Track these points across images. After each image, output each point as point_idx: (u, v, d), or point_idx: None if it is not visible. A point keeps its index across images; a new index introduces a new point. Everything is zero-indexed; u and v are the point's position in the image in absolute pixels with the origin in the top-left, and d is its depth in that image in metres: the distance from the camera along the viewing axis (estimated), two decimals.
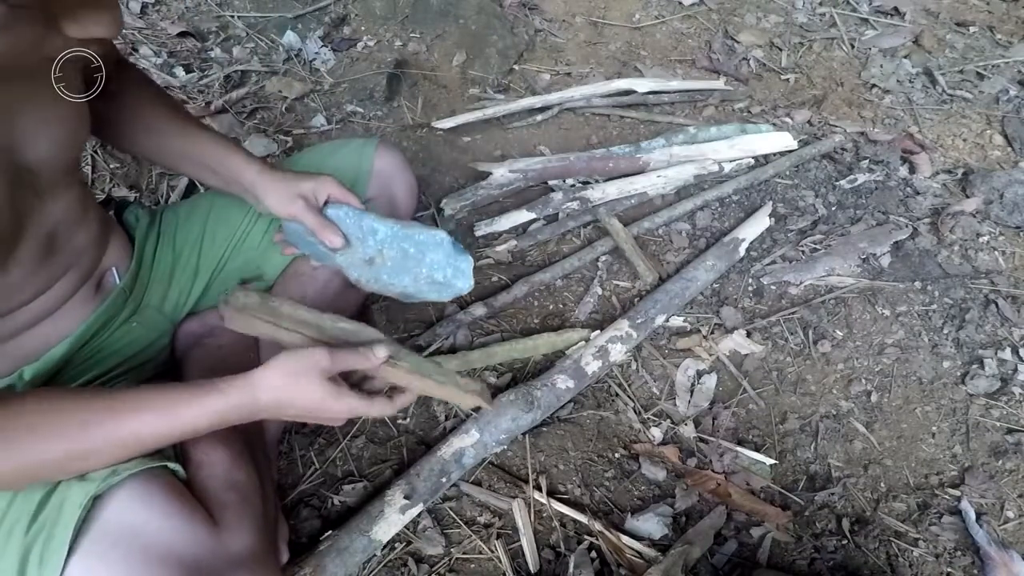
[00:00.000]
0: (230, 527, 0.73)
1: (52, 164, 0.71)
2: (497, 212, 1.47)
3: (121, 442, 0.66)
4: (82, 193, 0.80)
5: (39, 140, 0.68)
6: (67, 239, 0.78)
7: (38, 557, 0.63)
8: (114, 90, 0.87)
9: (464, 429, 1.04)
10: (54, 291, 0.78)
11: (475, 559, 0.97)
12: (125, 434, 0.65)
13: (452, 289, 0.95)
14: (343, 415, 0.75)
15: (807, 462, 1.12)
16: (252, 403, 0.69)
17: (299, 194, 0.91)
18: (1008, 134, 1.72)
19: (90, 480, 0.66)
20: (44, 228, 0.73)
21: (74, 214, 0.78)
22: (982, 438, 1.15)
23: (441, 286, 0.95)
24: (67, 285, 0.80)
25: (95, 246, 0.84)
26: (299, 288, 1.02)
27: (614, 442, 1.12)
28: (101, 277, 0.86)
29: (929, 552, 1.01)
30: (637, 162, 1.55)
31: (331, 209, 0.94)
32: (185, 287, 0.98)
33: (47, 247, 0.75)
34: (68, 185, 0.76)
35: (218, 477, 0.79)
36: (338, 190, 0.93)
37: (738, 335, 1.26)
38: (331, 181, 0.93)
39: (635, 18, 2.09)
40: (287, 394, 0.70)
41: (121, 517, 0.65)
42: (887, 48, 2.00)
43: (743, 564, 0.99)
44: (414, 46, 1.87)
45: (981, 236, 1.46)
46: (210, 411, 0.68)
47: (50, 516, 0.64)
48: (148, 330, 0.94)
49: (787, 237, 1.46)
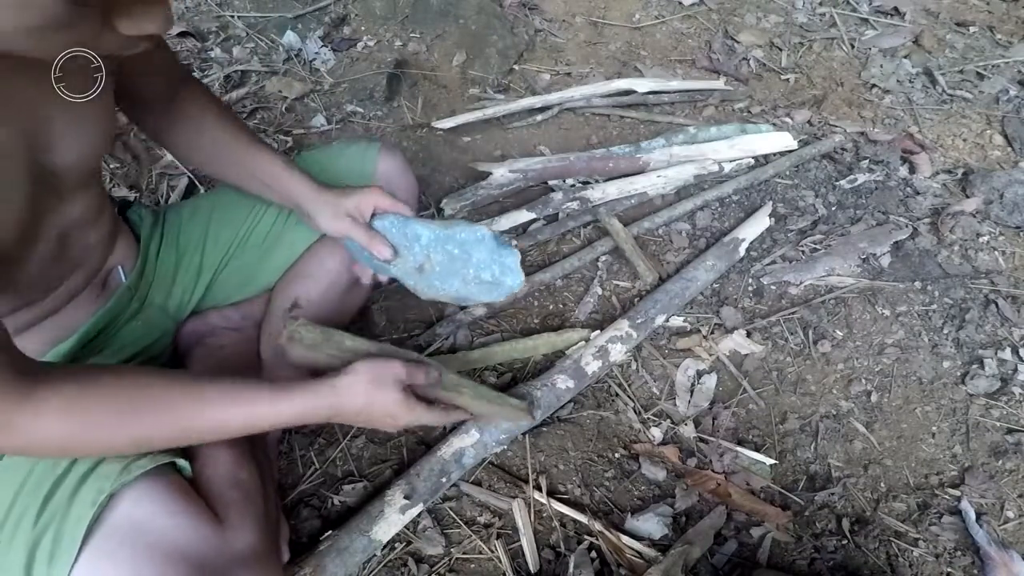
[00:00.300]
0: (234, 525, 0.74)
1: (78, 167, 0.71)
2: (497, 212, 1.47)
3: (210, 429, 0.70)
4: (100, 193, 0.81)
5: (68, 144, 0.68)
6: (80, 238, 0.79)
7: (47, 552, 0.63)
8: (174, 101, 0.90)
9: (464, 429, 1.04)
10: (63, 288, 0.79)
11: (475, 559, 0.97)
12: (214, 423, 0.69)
13: (502, 288, 0.93)
14: (409, 423, 0.81)
15: (807, 462, 1.12)
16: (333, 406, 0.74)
17: (346, 212, 0.92)
18: (1008, 134, 1.72)
19: (103, 477, 0.66)
20: (60, 227, 0.74)
21: (90, 214, 0.79)
22: (982, 438, 1.15)
23: (491, 285, 0.93)
24: (76, 282, 0.81)
25: (104, 245, 0.85)
26: (303, 290, 1.02)
27: (614, 442, 1.12)
28: (107, 275, 0.87)
29: (929, 552, 1.01)
30: (637, 162, 1.55)
31: (377, 220, 0.93)
32: (188, 286, 0.98)
33: (61, 246, 0.75)
34: (89, 186, 0.77)
35: (222, 476, 0.79)
36: (384, 200, 0.93)
37: (738, 335, 1.26)
38: (377, 193, 0.93)
39: (635, 18, 2.09)
40: (368, 399, 0.75)
41: (130, 515, 0.66)
42: (887, 48, 2.00)
43: (743, 564, 0.99)
44: (414, 46, 1.87)
45: (981, 236, 1.46)
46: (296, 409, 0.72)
47: (59, 510, 0.64)
48: (151, 328, 0.94)
49: (787, 237, 1.46)
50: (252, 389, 0.71)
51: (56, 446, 0.63)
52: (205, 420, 0.68)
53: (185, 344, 1.02)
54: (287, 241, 1.02)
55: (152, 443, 0.68)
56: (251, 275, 1.03)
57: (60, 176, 0.69)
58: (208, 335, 1.03)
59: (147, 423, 0.66)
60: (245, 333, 1.06)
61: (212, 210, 1.01)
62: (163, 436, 0.68)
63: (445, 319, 1.25)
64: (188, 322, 1.01)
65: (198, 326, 1.03)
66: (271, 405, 0.71)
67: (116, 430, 0.64)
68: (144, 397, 0.66)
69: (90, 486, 0.66)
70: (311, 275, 1.03)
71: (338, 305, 1.07)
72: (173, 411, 0.66)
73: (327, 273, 1.03)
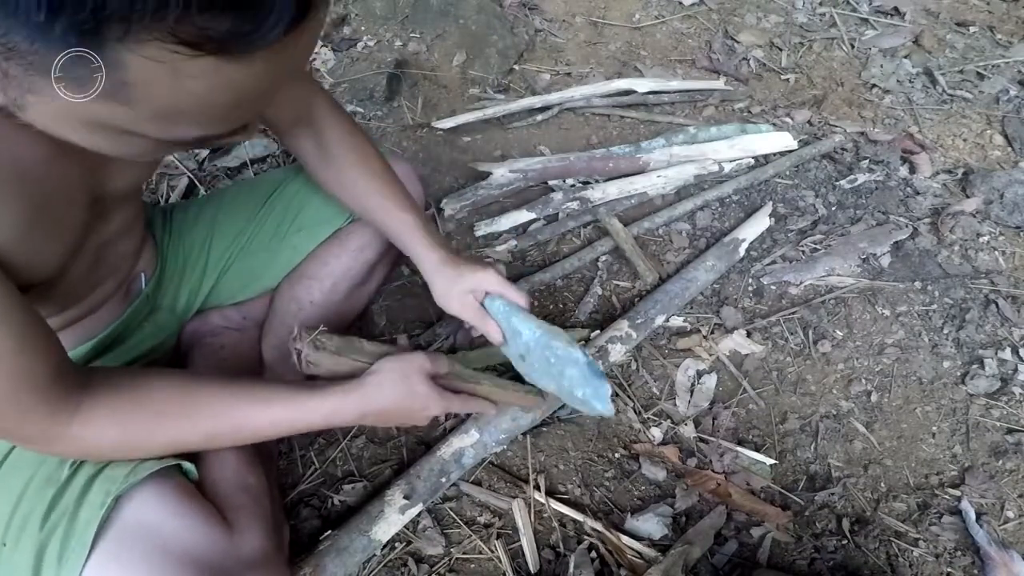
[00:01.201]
0: (242, 529, 0.74)
1: (126, 192, 0.72)
2: (497, 212, 1.47)
3: (251, 433, 0.72)
4: (138, 204, 0.82)
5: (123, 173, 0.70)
6: (117, 247, 0.80)
7: (56, 555, 0.63)
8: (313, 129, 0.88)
9: (464, 429, 1.04)
10: (94, 296, 0.79)
11: (475, 559, 0.97)
12: (250, 428, 0.71)
13: (592, 409, 0.91)
14: (439, 412, 0.83)
15: (807, 462, 1.12)
16: (362, 406, 0.75)
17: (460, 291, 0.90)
18: (1008, 134, 1.72)
19: (109, 479, 0.67)
20: (101, 240, 0.74)
21: (128, 224, 0.79)
22: (982, 438, 1.15)
23: (581, 402, 0.92)
24: (107, 290, 0.81)
25: (136, 252, 0.86)
26: (306, 292, 1.02)
27: (614, 442, 1.12)
28: (132, 281, 0.87)
29: (929, 552, 1.01)
30: (637, 162, 1.55)
31: (487, 301, 0.92)
32: (194, 287, 0.98)
33: (98, 257, 0.76)
34: (131, 200, 0.77)
35: (229, 479, 0.79)
36: (496, 284, 0.90)
37: (738, 335, 1.26)
38: (492, 276, 0.90)
39: (635, 18, 2.09)
40: (398, 394, 0.76)
41: (139, 517, 0.66)
42: (887, 48, 2.00)
43: (743, 564, 0.99)
44: (414, 46, 1.87)
45: (981, 236, 1.46)
46: (326, 410, 0.73)
47: (66, 512, 0.65)
48: (160, 330, 0.94)
49: (787, 237, 1.46)
50: (290, 391, 0.73)
51: (108, 451, 0.66)
52: (257, 422, 0.71)
53: (186, 344, 1.02)
54: (291, 243, 1.02)
55: (201, 445, 0.72)
56: (255, 276, 1.03)
57: (109, 198, 0.70)
58: (209, 335, 1.03)
59: (201, 427, 0.68)
60: (246, 333, 1.06)
61: (217, 211, 1.01)
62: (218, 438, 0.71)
63: (445, 319, 1.25)
64: (189, 322, 1.01)
65: (199, 326, 1.03)
66: (305, 408, 0.72)
67: (171, 433, 0.67)
68: (194, 403, 0.68)
69: (98, 488, 0.66)
70: (315, 277, 1.03)
71: (341, 307, 1.08)
72: (224, 415, 0.69)
73: (330, 275, 1.03)
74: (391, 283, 1.31)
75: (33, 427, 0.60)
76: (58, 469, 0.67)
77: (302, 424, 0.73)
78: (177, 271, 0.96)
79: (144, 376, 0.69)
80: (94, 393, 0.62)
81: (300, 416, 0.72)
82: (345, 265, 1.04)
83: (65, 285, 0.71)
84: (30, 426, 0.59)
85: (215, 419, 0.69)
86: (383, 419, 0.79)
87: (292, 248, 1.02)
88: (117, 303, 0.84)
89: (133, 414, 0.65)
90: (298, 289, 1.02)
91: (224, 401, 0.69)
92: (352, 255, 1.04)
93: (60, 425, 0.60)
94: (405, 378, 0.77)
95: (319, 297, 1.03)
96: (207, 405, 0.68)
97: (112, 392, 0.64)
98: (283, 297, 1.03)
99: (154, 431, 0.66)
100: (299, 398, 0.72)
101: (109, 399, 0.63)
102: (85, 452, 0.65)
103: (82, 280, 0.75)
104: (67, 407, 0.60)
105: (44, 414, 0.59)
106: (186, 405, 0.67)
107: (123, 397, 0.64)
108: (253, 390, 0.71)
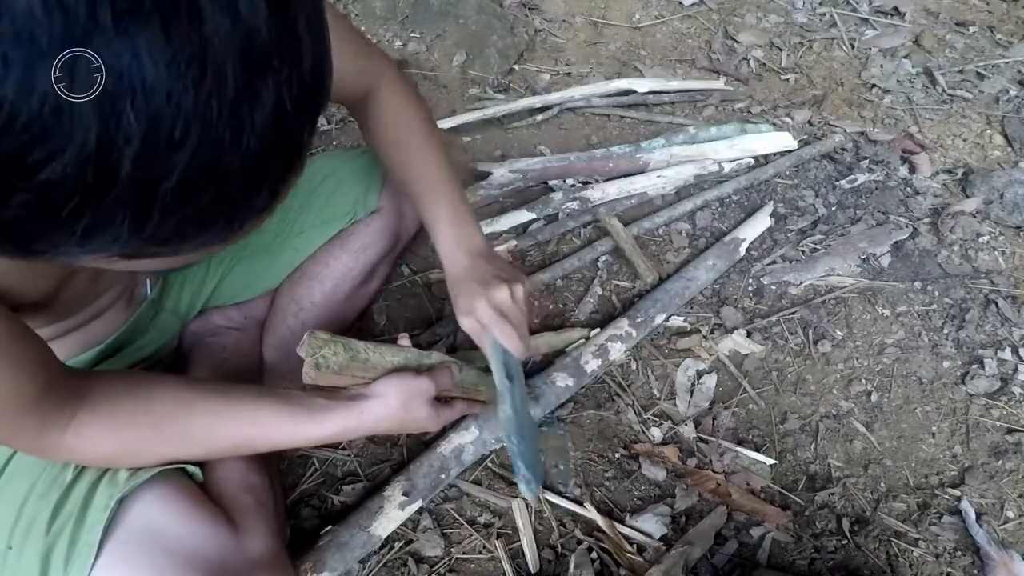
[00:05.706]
0: (248, 530, 0.74)
1: None
2: (497, 212, 1.47)
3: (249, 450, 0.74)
4: None
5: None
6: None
7: (62, 558, 0.62)
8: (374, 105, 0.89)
9: (463, 426, 1.04)
10: (95, 305, 0.79)
11: (475, 559, 0.97)
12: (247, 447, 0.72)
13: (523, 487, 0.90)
14: (436, 430, 0.85)
15: (807, 462, 1.12)
16: (364, 427, 0.76)
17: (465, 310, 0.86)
18: (1008, 134, 1.72)
19: (114, 481, 0.67)
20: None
21: None
22: (982, 438, 1.15)
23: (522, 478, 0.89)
24: (109, 298, 0.81)
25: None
26: (307, 292, 1.02)
27: (614, 442, 1.12)
28: (135, 287, 0.87)
29: (929, 552, 1.01)
30: (637, 162, 1.55)
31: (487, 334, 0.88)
32: (197, 289, 0.98)
33: (98, 272, 0.75)
34: None
35: (234, 480, 0.79)
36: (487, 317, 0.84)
37: (738, 335, 1.26)
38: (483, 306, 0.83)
39: (635, 18, 2.09)
40: (398, 420, 0.77)
41: (144, 519, 0.66)
42: (887, 48, 2.00)
43: (743, 564, 0.99)
44: (414, 46, 1.87)
45: (981, 236, 1.46)
46: (331, 430, 0.73)
47: (71, 515, 0.64)
48: (163, 333, 0.94)
49: (787, 237, 1.46)
50: (291, 411, 0.72)
51: (103, 462, 0.66)
52: (255, 443, 0.71)
53: (187, 344, 1.02)
54: (294, 244, 1.02)
55: (198, 459, 0.72)
56: (257, 277, 1.03)
57: None
58: (210, 335, 1.03)
59: (198, 443, 0.68)
60: (247, 333, 1.06)
61: None
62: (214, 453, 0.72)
63: (445, 319, 1.25)
64: (190, 322, 1.01)
65: (200, 326, 1.03)
66: (304, 431, 0.72)
67: (167, 449, 0.67)
68: (192, 418, 0.67)
69: (102, 491, 0.66)
70: (316, 277, 1.03)
71: (341, 308, 1.08)
72: (223, 434, 0.69)
73: (331, 276, 1.03)
74: (391, 283, 1.31)
75: (26, 440, 0.60)
76: (62, 472, 0.67)
77: (300, 443, 0.74)
78: (180, 274, 0.96)
79: (145, 385, 0.68)
80: (91, 402, 0.62)
81: (298, 439, 0.73)
82: (346, 266, 1.04)
83: (63, 300, 0.70)
84: (23, 438, 0.60)
85: (213, 437, 0.68)
86: (380, 433, 0.82)
87: (294, 249, 1.02)
88: (121, 309, 0.84)
89: (129, 427, 0.64)
90: (299, 289, 1.02)
91: (223, 418, 0.68)
92: (353, 256, 1.04)
93: (53, 438, 0.60)
94: (407, 403, 0.76)
95: (320, 297, 1.03)
96: (206, 422, 0.68)
97: (110, 402, 0.63)
98: (284, 297, 1.04)
99: (150, 445, 0.66)
100: (298, 419, 0.71)
101: (106, 409, 0.63)
102: (79, 462, 0.65)
103: (82, 294, 0.74)
104: (60, 420, 0.60)
105: (35, 427, 0.59)
106: (184, 420, 0.67)
107: (121, 408, 0.64)
108: (254, 408, 0.70)
